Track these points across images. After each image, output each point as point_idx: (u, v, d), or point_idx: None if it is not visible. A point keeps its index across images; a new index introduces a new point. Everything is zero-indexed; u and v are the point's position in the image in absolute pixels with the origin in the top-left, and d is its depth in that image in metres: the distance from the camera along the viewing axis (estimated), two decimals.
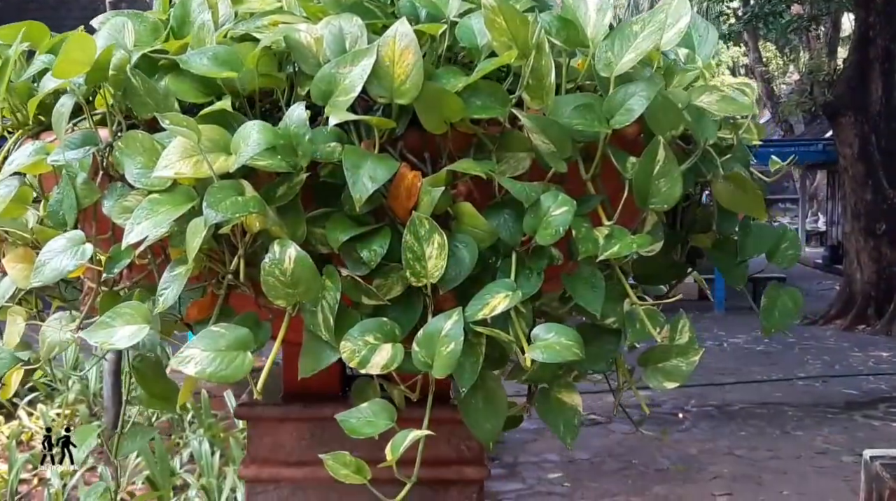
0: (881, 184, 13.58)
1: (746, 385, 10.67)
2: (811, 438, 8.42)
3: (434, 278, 1.16)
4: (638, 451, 8.23)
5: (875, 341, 13.28)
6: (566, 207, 1.18)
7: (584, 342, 1.31)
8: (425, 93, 1.17)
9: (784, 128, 29.55)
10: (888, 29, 13.47)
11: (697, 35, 1.58)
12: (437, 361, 1.13)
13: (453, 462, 1.53)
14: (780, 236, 1.58)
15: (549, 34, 1.29)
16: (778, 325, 1.52)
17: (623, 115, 1.25)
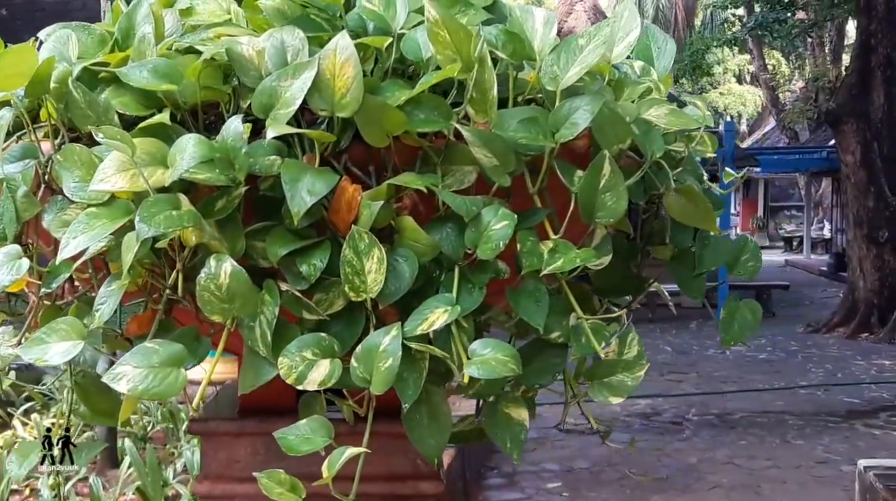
0: (883, 192, 13.54)
1: (748, 393, 10.62)
2: (812, 447, 8.38)
3: (373, 292, 1.15)
4: (637, 461, 8.19)
5: (878, 349, 13.22)
6: (507, 221, 1.17)
7: (531, 356, 1.31)
8: (366, 106, 1.16)
9: (789, 136, 29.50)
10: (890, 37, 13.45)
11: (656, 47, 1.57)
12: (375, 377, 1.12)
13: (409, 477, 1.52)
14: (740, 248, 1.58)
15: (495, 47, 1.28)
16: (737, 337, 1.51)
17: (568, 129, 1.24)
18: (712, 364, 12.40)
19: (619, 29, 1.38)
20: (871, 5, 13.37)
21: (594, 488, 7.55)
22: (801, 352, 13.16)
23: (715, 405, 10.14)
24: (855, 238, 14.13)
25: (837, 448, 8.32)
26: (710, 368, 12.08)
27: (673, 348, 13.76)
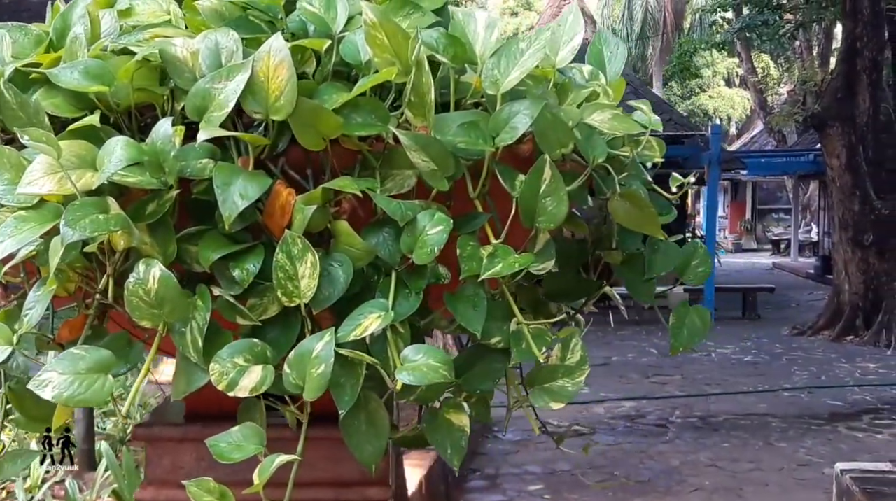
0: (868, 195, 13.58)
1: (732, 396, 10.63)
2: (794, 450, 8.39)
3: (307, 298, 1.14)
4: (620, 463, 8.19)
5: (862, 352, 13.24)
6: (442, 226, 1.16)
7: (472, 361, 1.29)
8: (300, 109, 1.15)
9: (777, 139, 29.58)
10: (875, 41, 13.49)
11: (608, 51, 1.57)
12: (308, 383, 1.11)
13: (356, 483, 1.51)
14: (690, 253, 1.57)
15: (435, 51, 1.27)
16: (686, 344, 1.50)
17: (507, 133, 1.23)
18: (697, 366, 12.41)
19: (564, 33, 1.37)
20: (856, 9, 13.41)
21: (576, 490, 7.55)
22: (786, 355, 13.19)
23: (699, 407, 10.15)
24: (840, 241, 14.17)
25: (820, 450, 8.33)
26: (694, 370, 12.09)
27: (659, 350, 13.76)
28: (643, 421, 9.62)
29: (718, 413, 9.82)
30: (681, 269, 1.57)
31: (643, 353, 13.50)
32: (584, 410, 10.16)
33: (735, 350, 13.61)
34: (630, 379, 11.63)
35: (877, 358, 12.71)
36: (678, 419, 9.66)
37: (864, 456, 7.69)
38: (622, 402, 10.44)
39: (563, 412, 10.14)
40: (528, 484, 7.65)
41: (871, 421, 9.41)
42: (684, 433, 9.09)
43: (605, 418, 9.80)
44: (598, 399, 10.61)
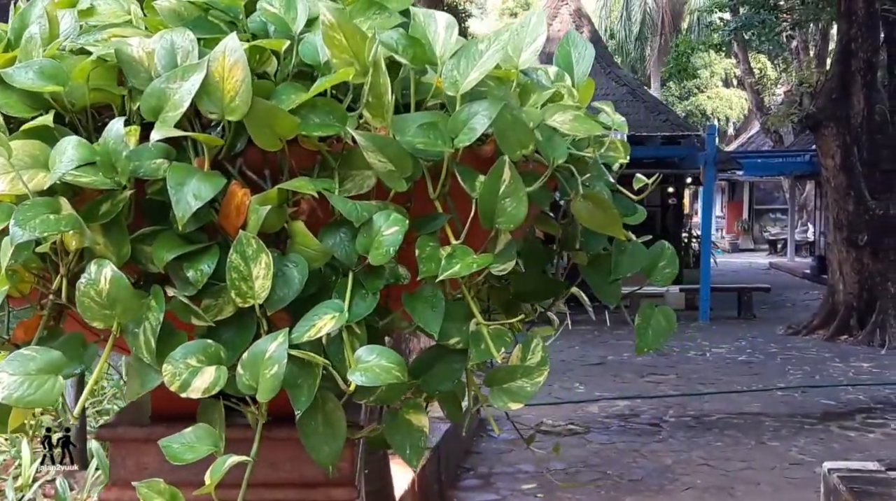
0: (863, 196, 13.59)
1: (726, 395, 10.65)
2: (786, 449, 8.40)
3: (261, 299, 1.14)
4: (613, 462, 8.20)
5: (856, 351, 13.26)
6: (397, 226, 1.16)
7: (432, 362, 1.29)
8: (255, 109, 1.15)
9: (774, 139, 29.59)
10: (870, 41, 13.50)
11: (576, 52, 1.57)
12: (261, 384, 1.11)
13: (321, 484, 1.51)
14: (657, 255, 1.57)
15: (395, 52, 1.27)
16: (651, 344, 1.50)
17: (466, 134, 1.23)
18: (692, 365, 12.43)
19: (527, 35, 1.37)
20: (851, 10, 13.42)
21: (569, 489, 7.56)
22: (781, 354, 13.21)
23: (693, 406, 10.17)
24: (835, 241, 14.18)
25: (812, 449, 8.34)
26: (689, 370, 12.11)
27: (654, 349, 13.78)
28: (637, 420, 9.63)
29: (712, 412, 9.84)
30: (648, 270, 1.57)
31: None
32: (578, 409, 10.17)
33: (730, 349, 13.64)
34: (625, 379, 11.65)
35: (870, 358, 12.74)
36: (672, 418, 9.67)
37: (855, 456, 7.70)
38: (616, 401, 10.45)
39: (557, 411, 10.15)
40: (521, 483, 7.66)
41: (864, 421, 9.42)
42: (678, 432, 9.10)
43: (599, 417, 9.81)
44: (593, 398, 10.63)
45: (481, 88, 1.33)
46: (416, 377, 1.29)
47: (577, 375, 11.94)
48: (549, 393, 10.89)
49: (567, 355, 13.28)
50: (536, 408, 10.11)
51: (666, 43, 35.74)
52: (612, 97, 17.89)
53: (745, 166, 21.95)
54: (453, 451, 7.93)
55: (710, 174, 16.01)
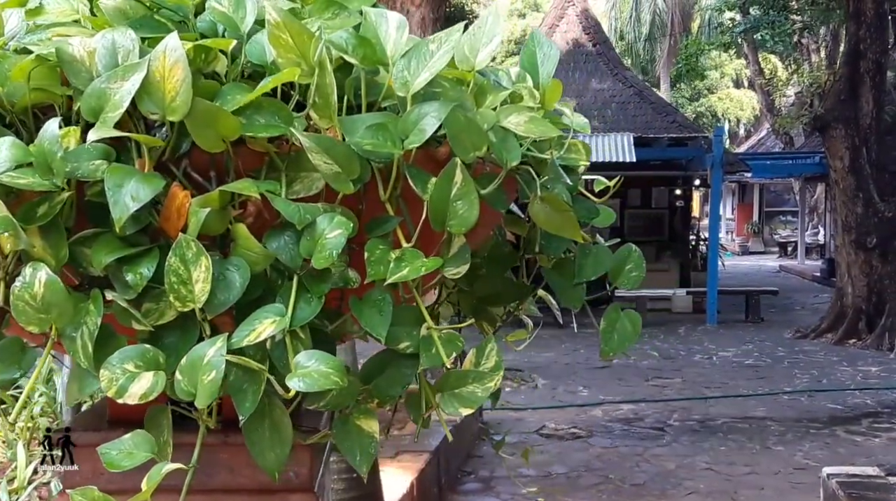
0: (872, 198, 13.52)
1: (731, 399, 10.60)
2: (791, 453, 8.35)
3: (200, 302, 1.12)
4: (616, 466, 8.17)
5: (864, 355, 13.19)
6: (341, 229, 1.14)
7: (382, 366, 1.27)
8: (196, 109, 1.13)
9: (784, 141, 29.49)
10: (879, 42, 13.44)
11: (541, 53, 1.54)
12: (199, 390, 1.09)
13: (279, 489, 1.49)
14: (623, 257, 1.54)
15: (345, 52, 1.25)
16: (617, 348, 1.48)
17: (416, 135, 1.21)
18: (698, 369, 12.38)
19: (483, 35, 1.34)
20: (860, 11, 13.36)
21: (570, 493, 7.53)
22: (788, 358, 13.14)
23: (697, 410, 10.12)
24: (843, 244, 14.11)
25: (817, 454, 8.29)
26: (695, 373, 12.06)
27: (660, 353, 13.72)
28: (641, 424, 9.59)
29: (717, 416, 9.79)
30: (614, 274, 1.54)
31: (644, 356, 13.47)
32: (581, 413, 10.14)
33: (737, 353, 13.57)
34: (630, 382, 11.61)
35: (879, 362, 12.66)
36: (676, 422, 9.63)
37: (861, 460, 7.65)
38: (620, 405, 10.42)
39: (561, 415, 10.12)
40: (523, 487, 7.63)
41: (870, 425, 9.36)
42: (681, 436, 9.06)
43: (602, 421, 9.78)
44: (597, 401, 10.59)
45: (435, 89, 1.31)
46: (367, 382, 1.27)
47: (581, 379, 11.90)
48: (553, 396, 10.87)
49: (572, 358, 13.25)
50: (539, 412, 10.09)
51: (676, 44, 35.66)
52: (619, 98, 17.85)
53: (753, 168, 21.87)
54: (454, 454, 7.90)
55: (716, 176, 15.95)
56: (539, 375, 11.99)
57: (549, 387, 11.46)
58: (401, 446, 7.21)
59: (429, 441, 7.41)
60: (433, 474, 7.12)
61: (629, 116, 17.39)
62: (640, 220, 19.68)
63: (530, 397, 10.93)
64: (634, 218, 19.66)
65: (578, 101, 17.76)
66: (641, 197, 19.55)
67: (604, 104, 17.78)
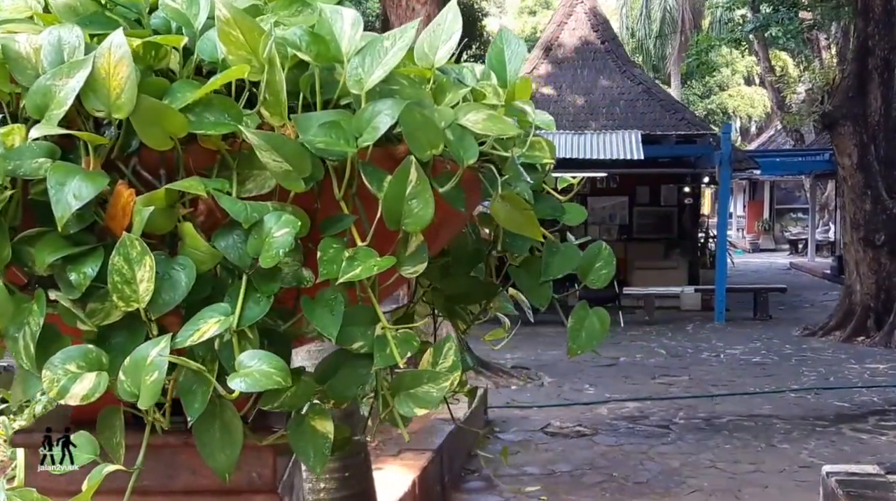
0: (880, 195, 13.43)
1: (737, 397, 10.56)
2: (797, 451, 8.30)
3: (144, 302, 1.11)
4: (620, 464, 8.13)
5: (873, 353, 13.11)
6: (288, 228, 1.12)
7: (337, 366, 1.26)
8: (141, 107, 1.12)
9: (795, 138, 29.36)
10: (888, 39, 13.35)
11: (509, 50, 1.53)
12: (142, 391, 1.08)
13: (243, 490, 1.48)
14: (593, 255, 1.53)
15: (298, 49, 1.24)
16: (584, 346, 1.46)
17: (370, 133, 1.20)
18: (705, 367, 12.33)
19: (443, 32, 1.33)
20: (868, 7, 13.27)
21: (573, 492, 7.50)
22: (796, 356, 13.07)
23: (703, 408, 10.07)
24: (851, 241, 14.03)
25: (823, 452, 8.24)
26: (702, 371, 12.01)
27: (668, 351, 13.68)
28: (646, 422, 9.55)
29: (723, 414, 9.74)
30: (583, 272, 1.52)
31: (651, 354, 13.43)
32: (587, 411, 10.11)
33: (744, 350, 13.52)
34: (636, 380, 11.56)
35: (887, 359, 12.58)
36: (681, 420, 9.59)
37: (866, 458, 7.58)
38: (626, 403, 10.38)
39: (566, 413, 10.09)
40: (526, 485, 7.61)
41: (877, 423, 9.30)
42: (686, 434, 9.01)
43: (607, 419, 9.74)
44: (603, 400, 10.56)
45: (393, 87, 1.29)
46: (322, 382, 1.26)
47: (588, 377, 11.87)
48: (559, 394, 10.84)
49: (579, 356, 13.19)
50: (545, 410, 10.06)
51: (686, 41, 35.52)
52: (627, 96, 17.79)
53: (763, 165, 21.75)
54: (457, 453, 7.88)
55: (725, 173, 15.88)
56: (545, 373, 11.96)
57: (556, 385, 11.44)
58: (403, 444, 7.21)
59: (432, 439, 7.40)
60: (436, 472, 7.11)
61: (638, 114, 17.33)
62: (649, 218, 19.63)
63: (536, 395, 10.90)
64: (643, 215, 19.62)
65: (587, 99, 17.72)
66: (650, 194, 19.49)
67: (612, 102, 17.72)
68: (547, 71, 18.50)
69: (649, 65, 39.74)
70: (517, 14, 44.85)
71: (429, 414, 8.79)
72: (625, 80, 18.11)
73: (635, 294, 16.62)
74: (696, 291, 17.34)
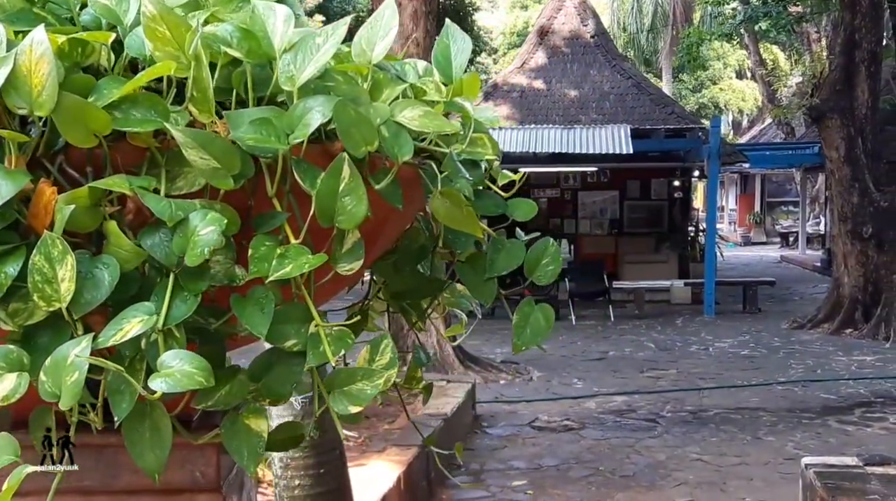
0: (867, 187, 13.46)
1: (725, 389, 10.58)
2: (782, 444, 8.32)
3: (66, 302, 1.10)
4: (606, 458, 8.14)
5: (860, 345, 13.15)
6: (213, 226, 1.11)
7: (271, 364, 1.25)
8: (63, 104, 1.10)
9: (786, 131, 29.39)
10: (874, 32, 13.38)
11: (454, 46, 1.52)
12: (63, 391, 1.07)
13: (186, 489, 1.47)
14: (540, 251, 1.52)
15: (229, 45, 1.23)
16: (529, 342, 1.45)
17: (301, 130, 1.19)
18: (693, 360, 12.35)
19: (380, 28, 1.32)
20: (855, 1, 13.28)
21: (559, 486, 7.51)
22: (784, 348, 13.10)
23: (691, 401, 10.09)
24: (839, 234, 14.06)
25: (808, 444, 8.26)
26: (690, 365, 12.03)
27: (656, 344, 13.70)
28: (633, 416, 9.56)
29: (710, 407, 9.76)
30: (530, 268, 1.52)
31: (640, 347, 13.45)
32: (575, 405, 10.12)
33: (733, 344, 13.54)
34: (625, 374, 11.58)
35: (874, 352, 12.62)
36: (669, 413, 9.60)
37: (851, 451, 7.60)
38: (614, 397, 10.40)
39: (554, 407, 10.10)
40: (512, 480, 7.62)
41: (863, 415, 9.33)
42: (673, 427, 9.03)
43: (595, 413, 9.75)
44: (591, 393, 10.57)
45: (328, 83, 1.28)
46: (255, 380, 1.25)
47: (576, 371, 11.89)
48: (548, 389, 10.86)
49: (568, 350, 13.22)
50: (533, 404, 10.07)
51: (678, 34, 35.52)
52: (617, 90, 17.78)
53: (753, 159, 21.79)
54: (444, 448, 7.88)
55: (714, 167, 15.90)
56: (534, 368, 11.97)
57: (544, 380, 11.45)
58: (389, 440, 7.20)
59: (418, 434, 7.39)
60: (421, 468, 7.10)
61: (627, 108, 17.34)
62: (639, 212, 19.65)
63: (525, 389, 10.92)
64: (634, 209, 19.64)
65: (576, 93, 17.71)
66: (641, 189, 19.52)
67: (602, 96, 17.73)
68: (537, 65, 18.49)
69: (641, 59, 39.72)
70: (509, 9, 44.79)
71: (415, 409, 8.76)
72: (614, 74, 18.11)
73: (625, 288, 16.63)
74: (685, 285, 17.37)
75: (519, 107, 17.40)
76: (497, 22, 43.35)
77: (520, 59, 19.05)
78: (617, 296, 16.45)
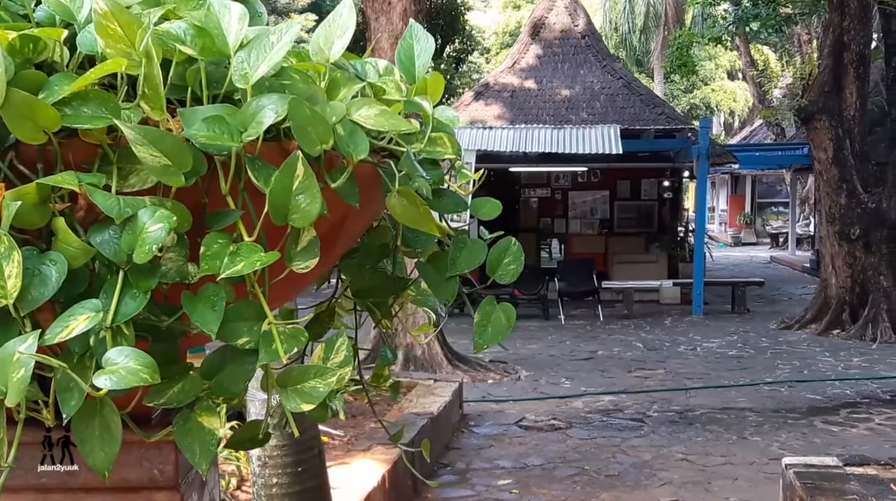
0: (855, 189, 13.51)
1: (712, 390, 10.60)
2: (768, 444, 8.35)
3: (13, 298, 1.09)
4: (592, 457, 8.16)
5: (847, 346, 13.19)
6: (162, 223, 1.11)
7: (223, 363, 1.25)
8: (11, 100, 1.10)
9: (776, 132, 29.45)
10: (863, 34, 13.42)
11: (418, 45, 1.52)
12: (9, 388, 1.06)
13: (144, 487, 1.47)
14: (502, 250, 1.52)
15: (182, 42, 1.22)
16: (490, 341, 1.45)
17: (254, 128, 1.19)
18: (681, 360, 12.37)
19: (338, 27, 1.32)
20: (844, 3, 13.32)
21: (544, 485, 7.52)
22: (771, 349, 13.13)
23: (677, 401, 10.12)
24: (827, 235, 14.10)
25: (793, 445, 8.29)
26: (678, 364, 12.05)
27: (645, 344, 13.72)
28: (620, 416, 9.58)
29: (696, 407, 9.78)
30: (492, 267, 1.51)
31: (629, 347, 13.47)
32: (562, 405, 10.14)
33: (721, 344, 13.58)
34: (612, 374, 11.60)
35: (861, 352, 12.67)
36: (655, 413, 9.62)
37: (836, 451, 7.63)
38: (601, 397, 10.41)
39: (541, 406, 10.11)
40: (498, 479, 7.63)
41: (848, 416, 9.36)
42: (660, 427, 9.05)
43: (582, 412, 9.76)
44: (578, 393, 10.58)
45: (285, 81, 1.28)
46: (208, 378, 1.25)
47: (564, 370, 11.90)
48: (536, 388, 10.86)
49: (557, 350, 13.24)
50: (521, 404, 10.08)
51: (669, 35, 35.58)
52: (607, 90, 17.79)
53: (743, 159, 21.84)
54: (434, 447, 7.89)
55: (703, 167, 15.93)
56: (523, 367, 11.98)
57: (532, 379, 11.46)
58: (375, 438, 7.20)
59: (405, 433, 7.40)
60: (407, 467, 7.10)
61: (617, 108, 17.35)
62: (629, 212, 19.69)
63: (512, 389, 10.92)
64: (624, 210, 19.68)
65: (567, 93, 17.71)
66: (631, 189, 19.56)
67: (592, 96, 17.74)
68: (528, 64, 18.50)
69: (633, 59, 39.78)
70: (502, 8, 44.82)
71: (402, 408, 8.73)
72: (605, 74, 18.12)
73: (615, 287, 16.66)
74: (674, 285, 17.40)
75: (510, 106, 17.41)
76: (490, 21, 43.38)
77: (511, 59, 19.06)
78: (606, 296, 16.48)
